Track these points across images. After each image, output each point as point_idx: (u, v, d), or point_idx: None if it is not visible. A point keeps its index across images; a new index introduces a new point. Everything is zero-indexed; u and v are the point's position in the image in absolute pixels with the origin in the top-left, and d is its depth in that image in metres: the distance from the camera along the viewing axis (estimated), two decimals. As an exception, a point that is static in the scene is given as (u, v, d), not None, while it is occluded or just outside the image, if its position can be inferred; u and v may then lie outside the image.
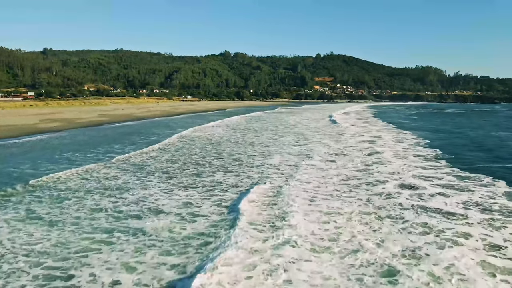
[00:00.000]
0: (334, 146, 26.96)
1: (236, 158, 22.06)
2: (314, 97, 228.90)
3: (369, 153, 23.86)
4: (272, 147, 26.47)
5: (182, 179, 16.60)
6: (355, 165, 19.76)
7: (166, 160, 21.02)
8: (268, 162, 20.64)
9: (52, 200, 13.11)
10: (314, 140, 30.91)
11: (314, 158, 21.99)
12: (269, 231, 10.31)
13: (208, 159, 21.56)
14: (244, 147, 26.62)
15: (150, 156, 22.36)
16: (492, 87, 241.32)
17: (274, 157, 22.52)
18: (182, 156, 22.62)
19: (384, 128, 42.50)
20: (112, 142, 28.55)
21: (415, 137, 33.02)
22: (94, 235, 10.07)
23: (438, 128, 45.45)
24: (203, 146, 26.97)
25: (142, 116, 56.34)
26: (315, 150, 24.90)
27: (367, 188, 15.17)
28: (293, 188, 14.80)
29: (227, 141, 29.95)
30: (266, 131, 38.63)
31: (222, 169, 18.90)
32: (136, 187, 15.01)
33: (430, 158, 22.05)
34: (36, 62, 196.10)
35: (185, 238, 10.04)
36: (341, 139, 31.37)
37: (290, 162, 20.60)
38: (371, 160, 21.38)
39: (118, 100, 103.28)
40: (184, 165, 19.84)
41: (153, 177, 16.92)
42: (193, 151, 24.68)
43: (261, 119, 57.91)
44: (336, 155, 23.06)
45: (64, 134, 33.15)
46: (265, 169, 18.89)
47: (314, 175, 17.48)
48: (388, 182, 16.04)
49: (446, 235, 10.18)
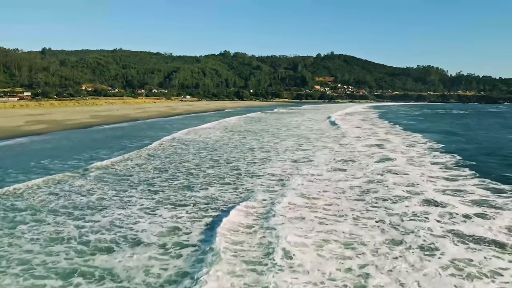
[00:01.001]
0: (341, 151, 24.59)
1: (234, 166, 19.69)
2: (315, 97, 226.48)
3: (379, 159, 21.49)
4: (273, 153, 24.09)
5: (170, 194, 14.22)
6: (366, 175, 17.37)
7: (153, 169, 18.63)
8: (269, 171, 18.27)
9: (3, 225, 10.70)
10: (319, 144, 28.52)
11: (319, 166, 19.60)
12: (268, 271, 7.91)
13: (202, 167, 19.19)
14: (243, 152, 24.24)
15: (136, 163, 19.95)
16: (496, 87, 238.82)
17: (275, 164, 20.16)
18: (172, 163, 20.22)
19: (391, 130, 40.11)
20: (99, 146, 26.18)
21: (427, 140, 30.64)
22: (45, 282, 7.67)
23: (448, 130, 43.04)
24: (198, 151, 24.59)
25: (136, 117, 53.93)
26: (321, 156, 22.52)
27: (386, 206, 12.78)
28: (299, 209, 12.41)
29: (224, 145, 27.57)
30: (267, 133, 36.26)
31: (217, 180, 16.52)
32: (112, 206, 12.61)
33: (451, 166, 19.65)
34: (33, 62, 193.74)
35: (164, 284, 7.67)
36: (347, 142, 28.98)
37: (293, 171, 18.20)
38: (384, 168, 19.01)
39: (114, 101, 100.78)
40: (173, 175, 17.46)
41: (135, 191, 14.54)
42: (185, 157, 22.30)
43: (261, 120, 55.54)
44: (344, 162, 20.70)
45: (47, 137, 30.74)
46: (266, 180, 16.52)
47: (322, 187, 15.11)
48: (409, 198, 13.65)
49: (503, 279, 7.79)
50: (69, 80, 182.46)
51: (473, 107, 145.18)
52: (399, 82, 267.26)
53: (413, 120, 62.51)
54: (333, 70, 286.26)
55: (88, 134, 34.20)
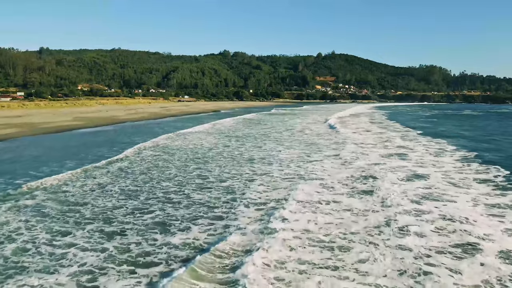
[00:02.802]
0: (356, 163, 20.13)
1: (227, 187, 15.30)
2: (316, 97, 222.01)
3: (408, 177, 17.06)
4: (275, 166, 19.68)
5: (132, 239, 9.84)
6: (400, 203, 12.93)
7: (119, 193, 14.19)
8: (273, 196, 13.88)
9: None
10: (329, 153, 24.08)
11: (336, 187, 15.20)
12: None
13: (186, 189, 14.82)
14: (239, 165, 19.81)
15: (98, 183, 15.48)
16: (501, 86, 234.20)
17: (280, 184, 15.78)
18: (148, 183, 15.79)
19: (407, 135, 35.62)
20: (69, 156, 21.76)
21: (454, 148, 26.25)
22: None
23: (471, 135, 38.17)
24: (184, 163, 20.17)
25: (125, 119, 49.42)
26: (334, 173, 18.11)
27: (453, 263, 8.39)
28: (319, 272, 8.01)
29: (218, 155, 23.15)
30: (268, 138, 31.85)
31: (205, 211, 12.17)
32: (34, 266, 8.20)
33: (504, 184, 15.32)
34: (29, 62, 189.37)
35: None
36: (362, 151, 24.56)
37: (305, 197, 13.78)
38: (418, 190, 14.63)
39: (106, 101, 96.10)
40: (145, 202, 13.04)
41: (81, 232, 10.14)
42: (167, 172, 17.88)
43: (262, 122, 51.08)
44: (363, 180, 16.29)
45: (12, 144, 26.19)
46: (269, 210, 12.12)
47: (344, 226, 10.70)
48: (480, 248, 9.26)
49: None
50: (64, 80, 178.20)
51: (481, 108, 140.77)
52: (402, 82, 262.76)
53: (425, 122, 58.00)
54: (334, 69, 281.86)
55: (64, 139, 29.77)
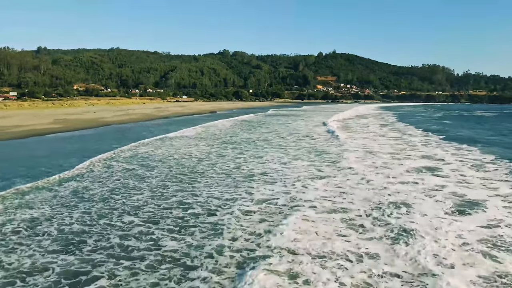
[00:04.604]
0: (376, 182, 15.66)
1: (216, 223, 10.85)
2: (317, 97, 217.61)
3: (456, 206, 12.59)
4: (280, 184, 15.23)
5: None
6: (456, 263, 8.51)
7: (53, 237, 9.69)
8: (278, 243, 9.43)
9: None
10: (343, 165, 19.49)
11: (366, 226, 10.78)
12: None
13: (156, 229, 10.41)
14: (235, 186, 15.27)
15: (29, 217, 10.99)
16: (507, 86, 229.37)
17: (288, 218, 11.33)
18: (104, 217, 11.30)
19: (428, 141, 31.01)
20: (14, 169, 17.28)
21: (493, 158, 21.79)
22: None
23: (502, 140, 33.32)
24: (163, 182, 15.70)
25: (111, 121, 44.86)
26: (354, 195, 13.64)
27: None
28: None
29: (209, 169, 18.64)
30: (271, 145, 27.40)
31: (178, 276, 7.73)
32: None
33: None
34: (24, 61, 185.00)
35: None
36: (381, 164, 20.09)
37: (322, 241, 9.33)
38: (481, 233, 10.18)
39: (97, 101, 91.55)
40: (86, 259, 8.57)
41: None
42: (137, 196, 13.40)
43: (263, 125, 46.60)
44: (392, 210, 11.87)
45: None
46: (274, 264, 7.66)
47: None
48: None
49: None
50: (60, 80, 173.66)
51: (492, 108, 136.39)
52: (405, 82, 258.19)
53: (440, 124, 53.42)
54: (335, 69, 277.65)
55: (24, 147, 25.26)
